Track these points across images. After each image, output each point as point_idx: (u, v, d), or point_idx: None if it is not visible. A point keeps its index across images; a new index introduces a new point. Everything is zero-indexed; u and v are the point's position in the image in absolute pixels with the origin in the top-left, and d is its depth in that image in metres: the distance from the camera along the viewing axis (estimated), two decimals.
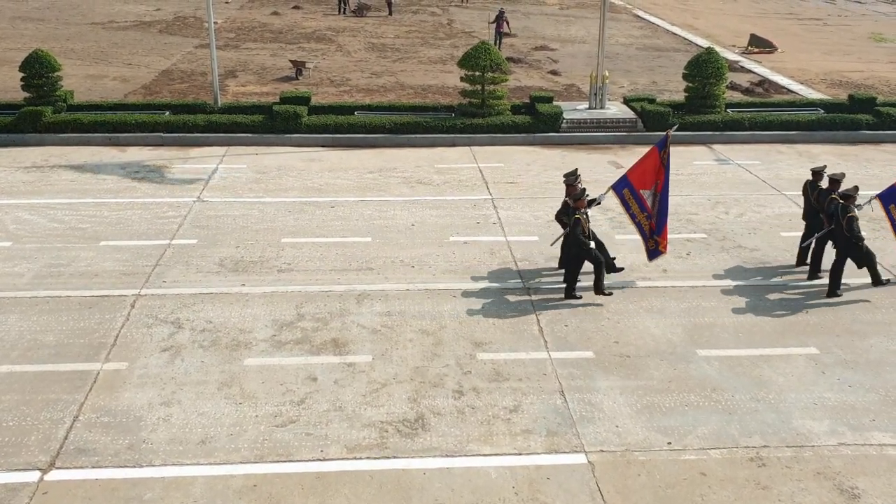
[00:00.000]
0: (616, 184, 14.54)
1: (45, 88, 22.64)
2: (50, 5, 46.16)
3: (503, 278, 14.61)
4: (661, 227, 14.22)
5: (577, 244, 13.53)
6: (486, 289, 14.21)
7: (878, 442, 10.38)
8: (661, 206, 14.16)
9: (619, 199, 14.52)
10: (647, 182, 14.17)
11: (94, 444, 10.06)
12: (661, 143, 14.06)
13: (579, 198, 13.64)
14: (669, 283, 14.51)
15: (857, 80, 31.72)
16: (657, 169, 14.07)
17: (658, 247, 14.36)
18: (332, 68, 31.87)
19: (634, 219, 14.46)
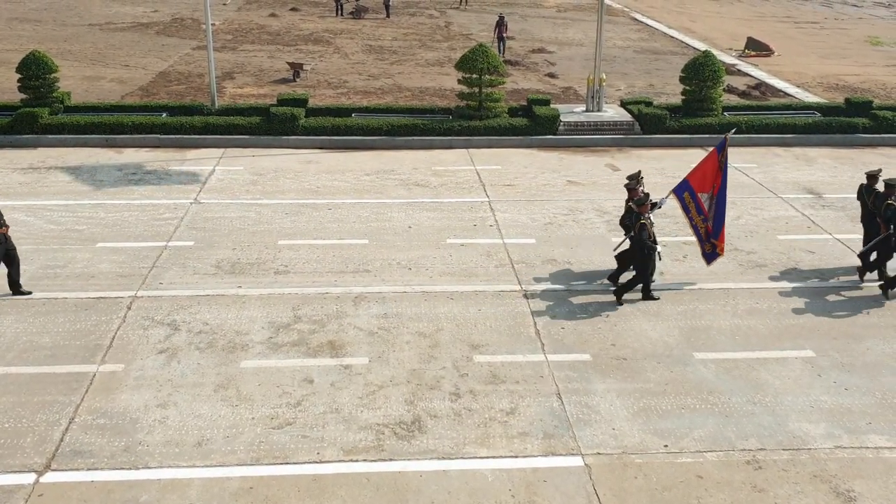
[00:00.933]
0: (677, 187, 14.71)
1: (42, 90, 22.62)
2: (47, 6, 46.12)
3: (500, 281, 14.61)
4: (719, 230, 14.33)
5: (643, 248, 13.60)
6: (483, 291, 14.21)
7: (875, 445, 10.39)
8: (719, 208, 14.25)
9: (679, 202, 14.67)
10: (705, 185, 14.30)
11: (90, 445, 10.04)
12: (720, 146, 14.15)
13: (643, 202, 13.73)
14: (666, 286, 14.51)
15: (853, 83, 31.78)
16: (715, 172, 14.16)
17: (715, 249, 14.45)
18: (330, 70, 31.88)
19: (692, 222, 14.59)
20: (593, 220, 17.56)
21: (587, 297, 14.07)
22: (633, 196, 14.24)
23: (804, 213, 18.15)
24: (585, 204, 18.48)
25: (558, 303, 13.84)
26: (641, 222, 13.53)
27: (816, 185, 20.13)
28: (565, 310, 13.61)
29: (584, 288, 14.39)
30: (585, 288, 14.39)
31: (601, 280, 14.71)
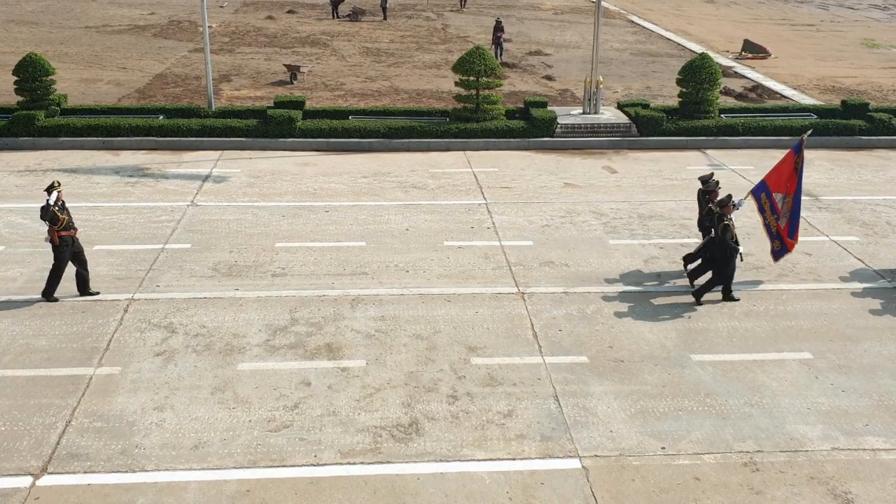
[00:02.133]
0: (755, 188, 14.91)
1: (38, 92, 22.59)
2: (44, 9, 46.09)
3: (497, 283, 14.61)
4: (794, 229, 14.51)
5: (727, 248, 13.66)
6: (481, 293, 14.21)
7: (872, 447, 10.40)
8: (794, 207, 14.41)
9: (756, 203, 14.85)
10: (780, 185, 14.51)
11: (87, 449, 10.02)
12: (797, 148, 14.31)
13: (726, 203, 13.81)
14: (663, 288, 14.52)
15: (849, 85, 31.85)
16: (790, 173, 14.34)
17: (784, 246, 14.65)
18: (327, 73, 31.88)
19: (765, 221, 14.76)
20: (591, 222, 17.57)
21: (585, 299, 14.07)
22: (714, 197, 14.41)
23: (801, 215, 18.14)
24: (583, 206, 18.50)
25: (556, 305, 13.84)
26: (725, 223, 13.65)
27: (813, 187, 20.16)
28: (562, 312, 13.62)
29: (582, 290, 14.40)
30: (583, 290, 14.40)
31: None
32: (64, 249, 13.37)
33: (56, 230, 13.24)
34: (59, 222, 13.25)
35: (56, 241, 13.30)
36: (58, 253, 13.39)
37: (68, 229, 13.39)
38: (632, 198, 19.11)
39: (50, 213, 13.14)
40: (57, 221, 13.22)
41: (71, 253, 13.49)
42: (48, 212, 13.13)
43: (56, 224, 13.22)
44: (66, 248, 13.38)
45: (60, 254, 13.38)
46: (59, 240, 13.29)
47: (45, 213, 13.17)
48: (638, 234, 16.94)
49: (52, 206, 13.14)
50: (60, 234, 13.28)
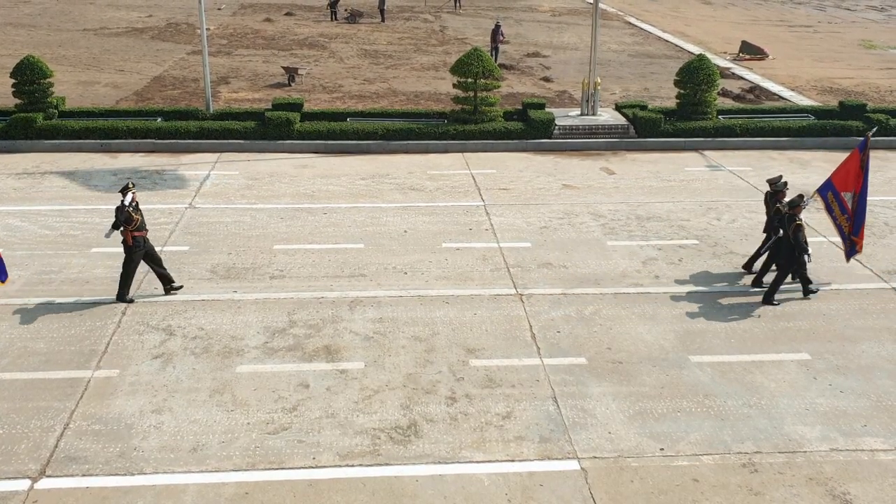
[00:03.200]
0: (821, 187, 14.94)
1: (36, 95, 22.58)
2: (42, 12, 46.07)
3: (496, 285, 14.61)
4: (859, 227, 14.55)
5: (798, 248, 13.74)
6: (479, 295, 14.21)
7: (870, 447, 10.41)
8: (860, 206, 14.44)
9: (823, 202, 14.91)
10: (848, 184, 14.53)
11: (85, 452, 10.00)
12: (862, 146, 14.38)
13: (797, 204, 13.90)
14: (662, 290, 14.53)
15: (847, 86, 31.88)
16: (857, 171, 14.37)
17: (854, 246, 14.66)
18: (325, 75, 31.88)
19: (836, 221, 14.79)
20: (589, 223, 17.58)
21: (583, 300, 14.07)
22: (781, 198, 14.55)
23: None
24: (581, 207, 18.50)
25: (554, 306, 13.84)
26: (798, 223, 13.73)
27: (811, 187, 20.13)
28: (561, 313, 13.62)
29: (580, 291, 14.40)
30: (581, 291, 14.40)
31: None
32: (136, 250, 13.50)
33: (130, 230, 13.36)
34: (134, 223, 13.37)
35: (129, 242, 13.42)
36: (130, 253, 13.51)
37: (141, 230, 13.52)
38: (630, 199, 19.12)
39: (125, 214, 13.28)
40: (131, 222, 13.36)
41: (143, 253, 13.61)
42: (123, 212, 13.28)
43: (130, 224, 13.34)
44: (138, 248, 13.51)
45: (133, 254, 13.51)
46: (133, 240, 13.40)
47: (120, 214, 13.30)
48: (636, 235, 16.95)
49: (126, 207, 13.29)
50: (134, 235, 13.41)
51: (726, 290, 14.59)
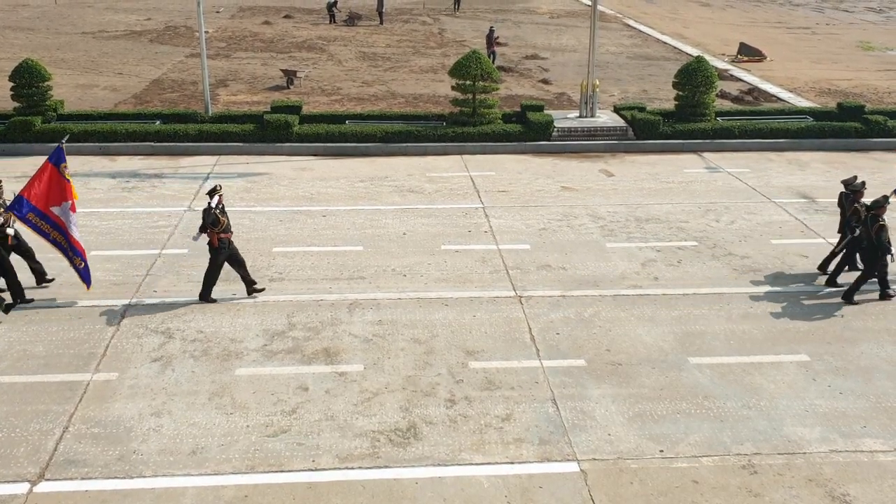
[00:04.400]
0: None
1: (35, 98, 22.58)
2: (40, 15, 46.08)
3: (495, 287, 14.61)
4: None
5: (881, 249, 13.79)
6: (478, 297, 14.21)
7: (870, 449, 10.41)
8: None
9: None
10: None
11: (84, 455, 10.00)
12: None
13: (882, 204, 13.97)
14: (661, 291, 14.53)
15: (845, 88, 31.92)
16: None
17: None
18: (324, 77, 31.90)
19: None
20: (588, 225, 17.59)
21: (582, 302, 14.08)
22: (859, 198, 14.63)
23: (797, 218, 18.21)
24: (580, 209, 18.51)
25: (553, 308, 13.85)
26: (881, 224, 13.77)
27: (809, 189, 20.20)
28: (560, 315, 13.62)
29: (579, 293, 14.40)
30: (580, 293, 14.40)
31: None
32: (222, 252, 13.58)
33: (216, 233, 13.43)
34: (220, 225, 13.45)
35: (215, 244, 13.50)
36: (215, 255, 13.58)
37: (226, 232, 13.60)
38: (628, 201, 19.13)
39: (212, 216, 13.35)
40: (218, 224, 13.43)
41: (227, 255, 13.67)
42: (210, 214, 13.35)
43: (217, 227, 13.40)
44: (223, 250, 13.59)
45: (218, 256, 13.58)
46: (218, 242, 13.48)
47: (207, 216, 13.38)
48: (635, 237, 16.95)
49: (214, 210, 13.37)
50: (220, 237, 13.48)
51: (725, 291, 14.59)
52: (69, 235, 13.49)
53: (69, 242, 13.53)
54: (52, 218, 13.43)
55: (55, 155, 13.53)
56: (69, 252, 13.59)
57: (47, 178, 13.41)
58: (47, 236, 13.50)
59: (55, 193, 13.41)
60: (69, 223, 13.47)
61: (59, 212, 13.43)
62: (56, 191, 13.41)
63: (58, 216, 13.44)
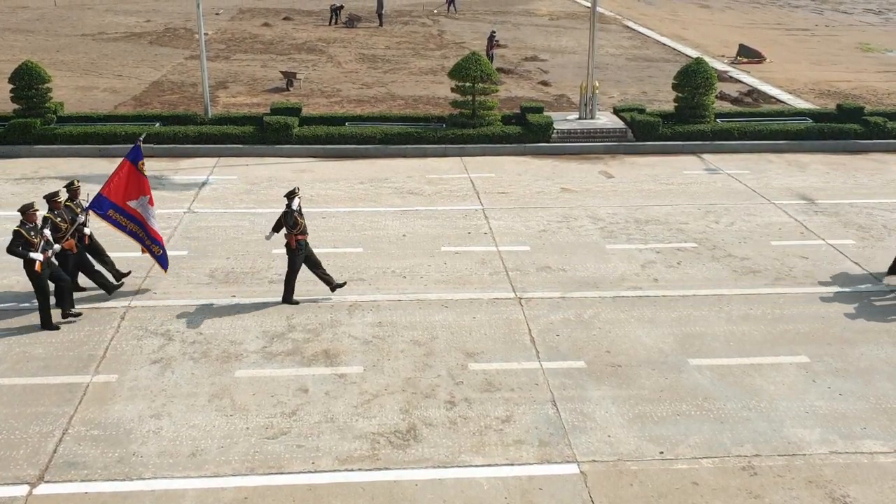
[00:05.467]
0: None
1: (34, 100, 22.57)
2: (40, 17, 46.10)
3: (495, 288, 14.61)
4: None
5: None
6: (478, 299, 14.21)
7: (870, 450, 10.40)
8: None
9: None
10: None
11: (84, 457, 9.99)
12: None
13: None
14: (660, 293, 14.53)
15: (845, 89, 31.94)
16: None
17: None
18: (323, 79, 31.91)
19: None
20: (587, 227, 17.59)
21: (582, 304, 14.08)
22: None
23: (797, 219, 18.22)
24: (579, 211, 18.51)
25: (553, 310, 13.84)
26: None
27: (809, 190, 20.21)
28: (560, 317, 13.61)
29: (579, 295, 14.40)
30: (580, 295, 14.40)
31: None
32: (300, 253, 13.69)
33: (294, 234, 13.54)
34: (298, 226, 13.56)
35: (293, 245, 13.61)
36: (294, 256, 13.69)
37: (304, 233, 13.72)
38: (628, 202, 19.13)
39: (292, 218, 13.47)
40: (297, 226, 13.53)
41: (304, 256, 13.80)
42: (291, 217, 13.48)
43: (295, 229, 13.52)
44: (301, 251, 13.69)
45: (296, 257, 13.69)
46: (296, 243, 13.60)
47: (288, 218, 13.52)
48: (635, 238, 16.95)
49: (294, 212, 13.50)
50: (297, 238, 13.60)
51: (725, 293, 14.59)
52: (147, 226, 14.06)
53: (146, 232, 14.09)
54: (128, 211, 14.03)
55: (133, 153, 14.04)
56: (146, 240, 14.14)
57: (125, 174, 13.95)
58: (124, 228, 14.07)
59: (133, 188, 13.98)
60: (148, 216, 14.08)
61: (136, 205, 14.02)
62: (134, 186, 13.99)
63: (135, 209, 14.03)
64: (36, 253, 12.53)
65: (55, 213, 13.34)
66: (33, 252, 12.52)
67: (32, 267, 12.57)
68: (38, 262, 12.52)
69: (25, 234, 12.53)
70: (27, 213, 12.65)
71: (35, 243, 12.56)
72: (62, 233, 13.26)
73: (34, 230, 12.65)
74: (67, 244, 13.32)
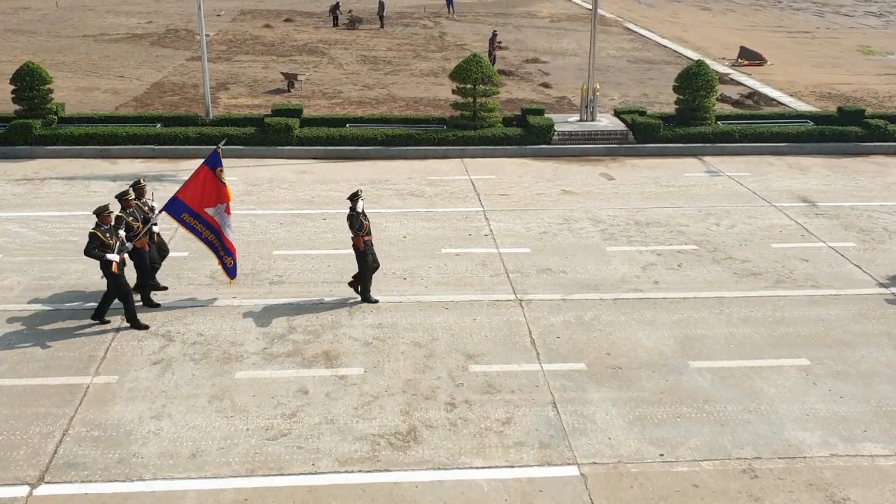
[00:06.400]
0: None
1: (35, 101, 22.59)
2: (41, 18, 46.15)
3: (495, 290, 14.61)
4: None
5: None
6: (479, 300, 14.21)
7: (870, 453, 10.40)
8: None
9: None
10: None
11: (84, 458, 9.99)
12: None
13: None
14: (661, 295, 14.53)
15: (845, 92, 31.94)
16: None
17: None
18: (324, 81, 31.93)
19: None
20: (588, 228, 17.59)
21: (582, 306, 14.07)
22: None
23: (798, 222, 18.21)
24: (580, 213, 18.51)
25: (553, 312, 13.84)
26: None
27: (810, 193, 20.20)
28: (560, 319, 13.61)
29: (580, 297, 14.40)
30: (581, 297, 14.40)
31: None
32: (367, 253, 13.79)
33: (361, 236, 13.66)
34: (364, 228, 13.66)
35: (361, 247, 13.72)
36: (363, 257, 13.82)
37: (369, 234, 13.84)
38: (629, 205, 19.13)
39: (358, 221, 13.61)
40: (362, 228, 13.66)
41: (374, 256, 13.96)
42: (357, 220, 13.62)
43: (361, 231, 13.63)
44: (368, 252, 13.80)
45: (365, 258, 13.82)
46: (364, 245, 13.73)
47: (355, 221, 13.64)
48: (635, 240, 16.95)
49: (359, 215, 13.63)
50: (364, 240, 13.73)
51: (726, 295, 14.58)
52: (222, 235, 13.88)
53: (221, 242, 13.91)
54: (205, 218, 13.81)
55: (211, 158, 13.78)
56: (220, 251, 13.96)
57: (202, 180, 13.74)
58: (200, 235, 13.89)
59: (210, 195, 13.75)
60: (224, 225, 13.87)
61: (213, 212, 13.81)
62: (211, 193, 13.76)
63: (212, 216, 13.81)
64: (112, 254, 12.61)
65: (127, 212, 13.43)
66: (109, 253, 12.60)
67: (110, 268, 12.66)
68: (114, 263, 12.61)
69: (101, 236, 12.61)
70: (102, 215, 12.74)
71: (110, 245, 12.66)
72: (134, 232, 13.34)
73: (109, 231, 12.73)
74: (140, 243, 13.42)
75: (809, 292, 14.74)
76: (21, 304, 13.74)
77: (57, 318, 13.29)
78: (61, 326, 13.05)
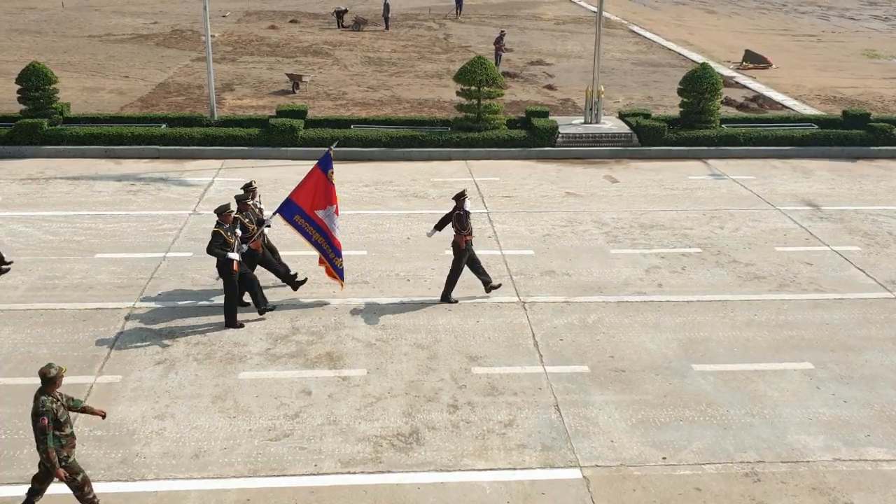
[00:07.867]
0: None
1: (41, 101, 22.65)
2: (47, 18, 46.27)
3: (498, 292, 14.60)
4: None
5: None
6: (482, 303, 14.21)
7: (873, 457, 10.38)
8: None
9: None
10: None
11: (87, 457, 9.99)
12: None
13: None
14: (664, 298, 14.52)
15: (850, 95, 31.89)
16: None
17: None
18: (329, 82, 31.96)
19: None
20: (592, 231, 17.58)
21: (586, 308, 14.07)
22: None
23: (802, 225, 18.18)
24: (584, 215, 18.51)
25: (556, 314, 13.84)
26: None
27: (814, 197, 20.17)
28: (563, 321, 13.61)
29: (583, 299, 14.39)
30: (584, 299, 14.39)
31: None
32: (466, 253, 14.00)
33: (464, 236, 13.88)
34: (467, 228, 13.90)
35: (462, 246, 13.94)
36: (460, 257, 14.04)
37: (471, 234, 14.05)
38: (633, 207, 19.12)
39: (466, 221, 13.86)
40: (467, 227, 13.87)
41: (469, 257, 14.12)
42: (465, 219, 13.87)
43: (465, 230, 13.85)
44: (468, 251, 14.03)
45: (462, 257, 14.04)
46: (465, 244, 13.94)
47: (462, 220, 13.90)
48: (639, 243, 16.94)
49: (468, 214, 13.87)
50: (466, 239, 13.93)
51: (729, 298, 14.57)
52: (331, 237, 13.90)
53: (331, 244, 13.92)
54: (316, 221, 13.88)
55: (323, 161, 13.91)
56: (330, 253, 13.97)
57: (314, 182, 13.84)
58: (310, 238, 13.97)
59: (321, 197, 13.82)
60: (333, 227, 13.89)
61: (323, 215, 13.85)
62: (322, 195, 13.82)
63: (322, 219, 13.86)
64: (234, 253, 12.74)
65: (244, 214, 13.51)
66: (231, 252, 12.71)
67: (230, 266, 12.76)
68: (235, 261, 12.73)
69: (224, 235, 12.72)
70: (223, 214, 12.85)
71: (232, 243, 12.78)
72: (249, 233, 13.42)
73: (230, 230, 12.84)
74: (255, 245, 13.52)
75: (813, 296, 14.71)
76: (25, 304, 13.78)
77: (61, 318, 13.32)
78: (65, 326, 13.07)
